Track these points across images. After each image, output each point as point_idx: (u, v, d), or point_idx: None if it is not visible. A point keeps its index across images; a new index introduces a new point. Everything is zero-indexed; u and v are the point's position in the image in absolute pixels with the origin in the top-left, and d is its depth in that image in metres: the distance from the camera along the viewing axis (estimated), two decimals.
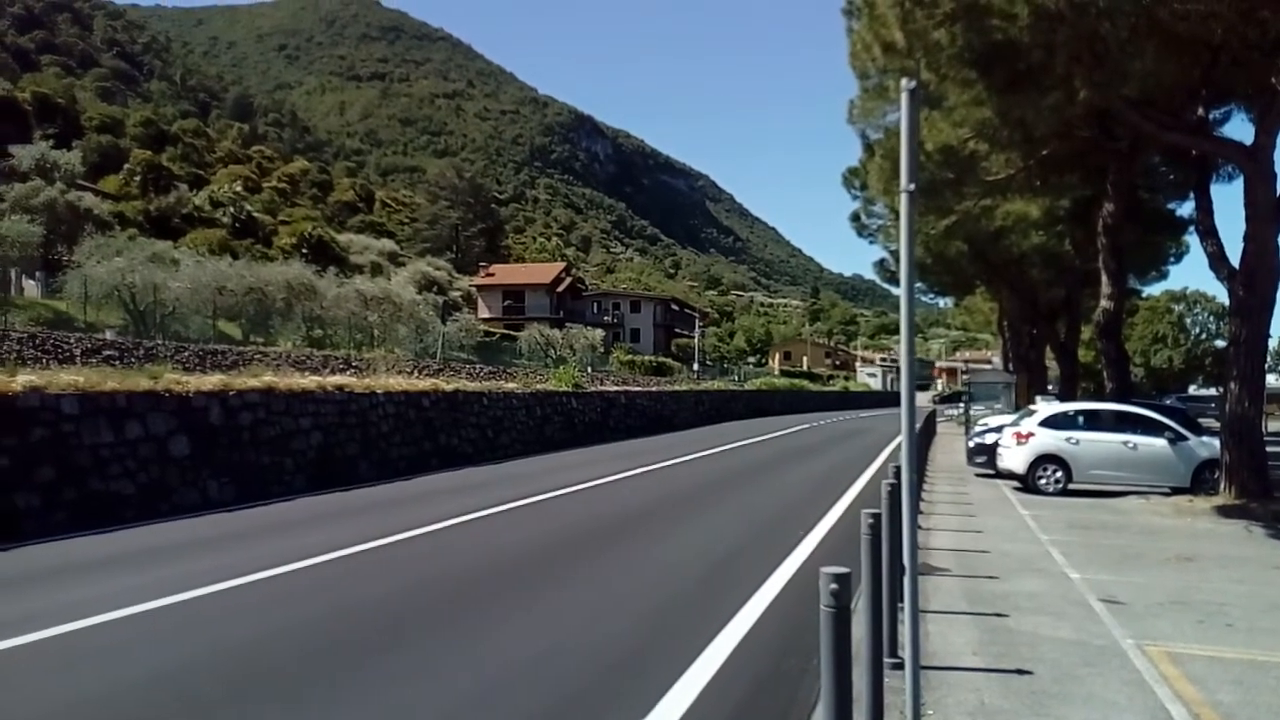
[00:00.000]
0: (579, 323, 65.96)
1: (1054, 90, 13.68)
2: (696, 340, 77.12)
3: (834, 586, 2.93)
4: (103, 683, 5.47)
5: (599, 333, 59.55)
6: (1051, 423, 16.85)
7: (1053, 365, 40.47)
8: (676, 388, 45.90)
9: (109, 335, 23.78)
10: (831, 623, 2.90)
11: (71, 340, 21.15)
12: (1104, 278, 20.54)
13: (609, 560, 9.45)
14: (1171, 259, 31.43)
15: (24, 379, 11.28)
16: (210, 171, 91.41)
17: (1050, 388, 36.61)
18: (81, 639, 6.34)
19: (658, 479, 17.72)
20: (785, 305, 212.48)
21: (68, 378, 11.98)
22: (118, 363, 19.87)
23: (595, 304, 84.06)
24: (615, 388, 36.46)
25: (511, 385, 26.87)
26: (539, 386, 28.06)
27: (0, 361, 16.19)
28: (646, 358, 65.37)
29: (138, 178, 68.14)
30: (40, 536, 10.28)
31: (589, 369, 46.01)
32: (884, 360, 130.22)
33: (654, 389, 40.94)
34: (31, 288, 33.98)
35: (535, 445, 24.27)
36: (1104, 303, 20.63)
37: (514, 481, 16.50)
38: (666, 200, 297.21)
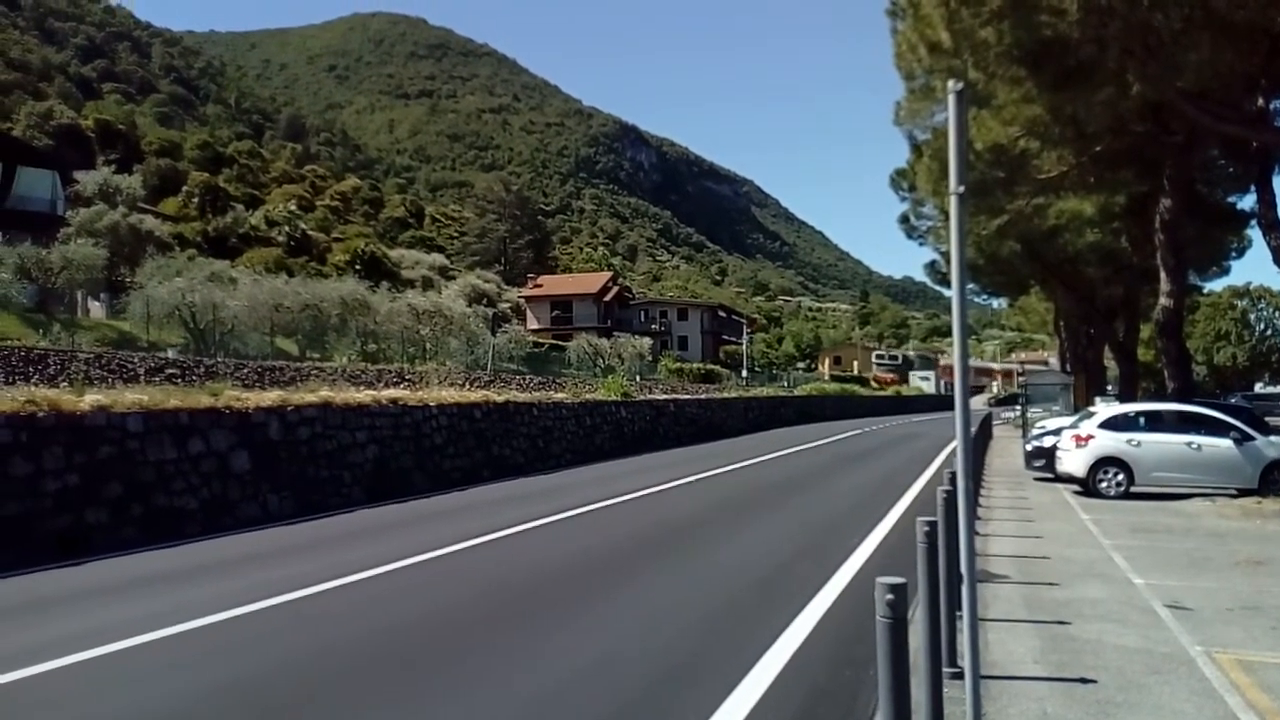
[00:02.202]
0: (626, 331, 66.17)
1: (1106, 85, 13.46)
2: (745, 346, 76.87)
3: (890, 597, 2.91)
4: (174, 694, 5.62)
5: (647, 341, 59.65)
6: (1112, 424, 16.48)
7: (1111, 365, 39.63)
8: (725, 395, 45.75)
9: (171, 354, 24.45)
10: (888, 634, 2.88)
11: (135, 360, 21.78)
12: (1163, 274, 20.04)
13: (661, 569, 9.46)
14: (1233, 254, 30.67)
15: (91, 398, 11.65)
16: (265, 191, 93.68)
17: (1109, 388, 35.83)
18: (156, 650, 6.52)
19: (708, 487, 17.69)
20: (834, 309, 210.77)
21: (132, 396, 12.34)
22: (180, 381, 20.42)
23: (642, 312, 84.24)
24: (664, 396, 36.47)
25: (561, 395, 27.03)
26: (588, 396, 28.18)
27: (69, 381, 16.72)
28: (694, 365, 65.27)
29: (196, 199, 70.13)
30: (109, 551, 10.59)
31: (637, 378, 46.09)
32: (883, 359, 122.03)
33: (703, 396, 40.87)
34: (97, 309, 35.11)
35: (585, 455, 24.36)
36: (1163, 300, 20.12)
37: (565, 491, 16.59)
38: (712, 207, 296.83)
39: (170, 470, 12.04)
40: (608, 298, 78.11)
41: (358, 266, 58.62)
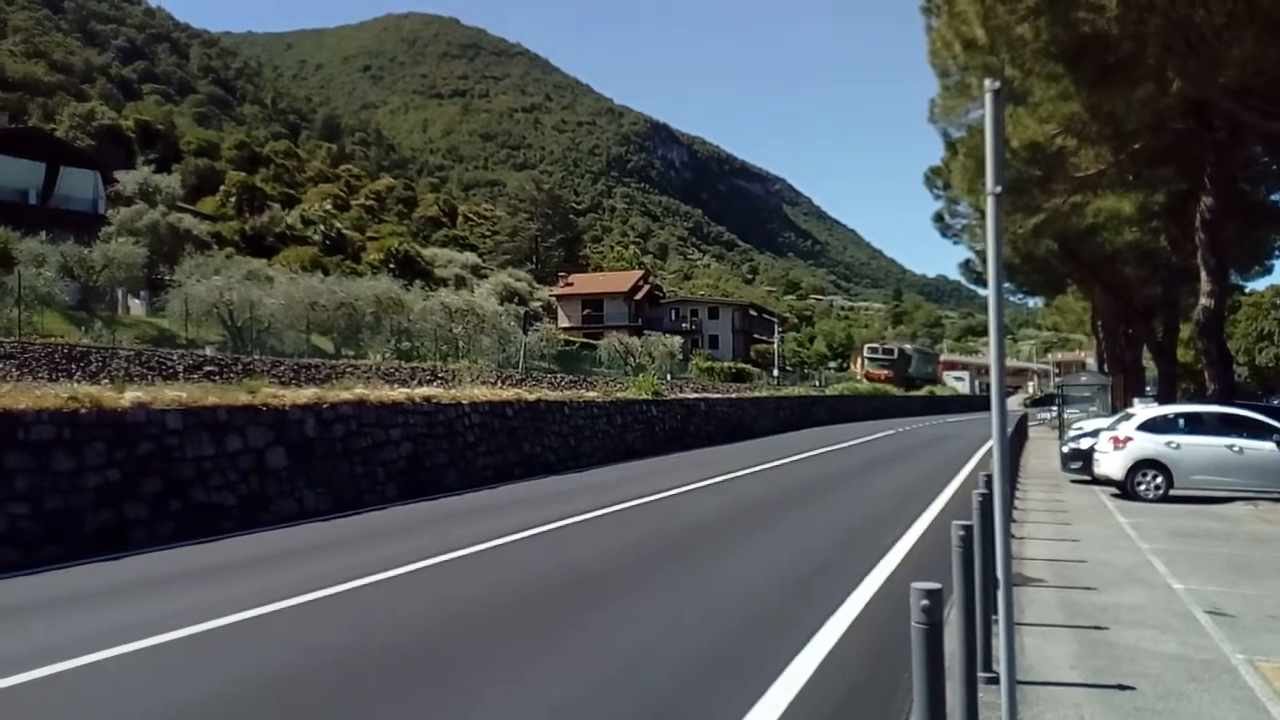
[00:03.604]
0: (657, 330, 66.13)
1: (1146, 82, 13.25)
2: (776, 345, 76.56)
3: (925, 603, 2.89)
4: (208, 691, 5.72)
5: (677, 340, 59.60)
6: (1150, 426, 16.23)
7: (1150, 366, 38.97)
8: (756, 394, 45.60)
9: (209, 351, 24.83)
10: (923, 640, 2.87)
11: (174, 357, 22.15)
12: (1203, 274, 19.68)
13: (694, 569, 9.45)
14: (1276, 253, 30.01)
15: (131, 395, 11.86)
16: (301, 191, 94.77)
17: (1148, 389, 35.26)
18: (191, 646, 6.63)
19: (739, 487, 17.65)
20: (867, 308, 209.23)
21: (172, 394, 12.55)
22: (217, 378, 20.73)
23: (673, 311, 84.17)
24: (695, 395, 36.44)
25: (592, 394, 27.10)
26: (619, 395, 28.23)
27: (110, 378, 17.05)
28: (725, 364, 65.15)
29: (233, 199, 71.13)
30: (148, 546, 10.79)
31: (668, 376, 46.10)
32: (876, 354, 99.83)
33: (733, 395, 40.77)
34: (137, 306, 35.73)
35: (616, 453, 24.41)
36: (1204, 300, 19.76)
37: (597, 490, 16.64)
38: (743, 205, 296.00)
39: (208, 466, 12.24)
40: (638, 296, 78.15)
41: (392, 265, 59.12)
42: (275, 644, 6.71)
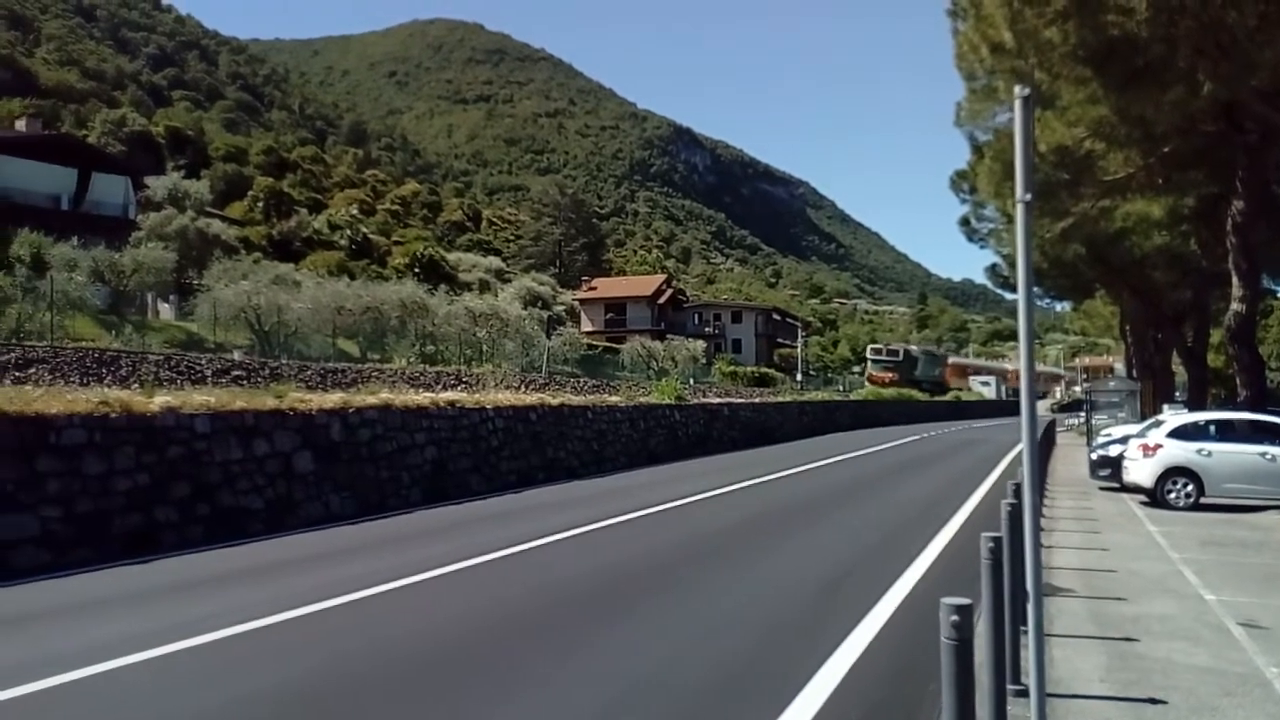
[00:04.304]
0: (680, 334, 66.10)
1: (1176, 85, 13.08)
2: (799, 350, 76.21)
3: (955, 618, 2.86)
4: (234, 696, 5.76)
5: (700, 344, 59.53)
6: (1181, 433, 16.01)
7: (1180, 371, 38.47)
8: (780, 399, 45.44)
9: (237, 355, 25.07)
10: (953, 655, 2.84)
11: (203, 361, 22.38)
12: (1234, 279, 19.38)
13: (718, 576, 9.43)
14: None
15: (161, 400, 12.01)
16: (328, 196, 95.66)
17: (1178, 395, 34.76)
18: (220, 650, 6.69)
19: (763, 493, 17.59)
20: (891, 312, 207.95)
21: (200, 398, 12.70)
22: (245, 382, 20.93)
23: (696, 315, 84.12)
24: (718, 400, 36.35)
25: (615, 399, 27.11)
26: (642, 399, 28.23)
27: (140, 383, 17.25)
28: (748, 369, 64.97)
29: (261, 204, 71.92)
30: (176, 549, 10.90)
31: (691, 381, 46.01)
32: (880, 355, 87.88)
33: (757, 400, 40.65)
34: (166, 310, 36.20)
35: (639, 458, 24.40)
36: (1235, 305, 19.46)
37: (620, 495, 16.64)
38: (766, 209, 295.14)
39: (236, 470, 12.35)
40: (661, 300, 78.16)
41: (417, 269, 59.53)
42: (304, 648, 6.76)
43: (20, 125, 51.18)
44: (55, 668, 6.09)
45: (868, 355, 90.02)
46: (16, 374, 17.31)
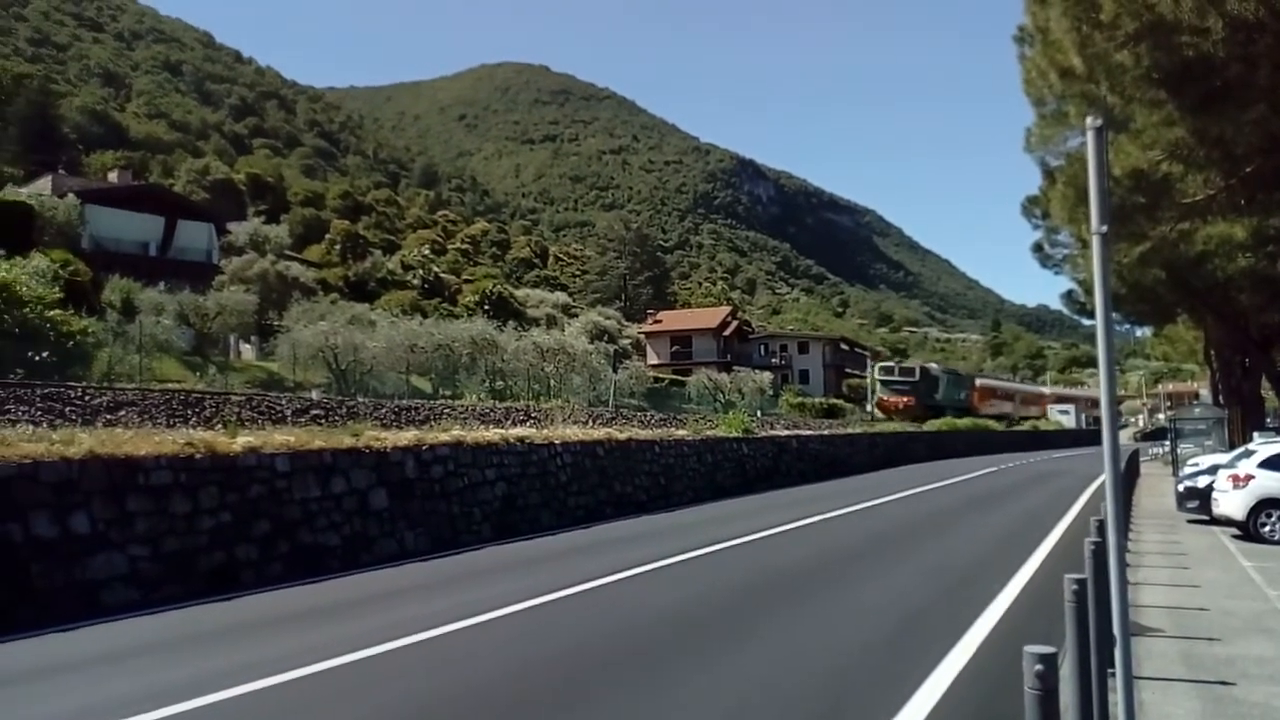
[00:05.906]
0: (746, 366, 65.76)
1: (1257, 103, 12.66)
2: (869, 380, 74.96)
3: (1039, 668, 2.78)
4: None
5: (767, 375, 59.11)
6: (1274, 464, 15.33)
7: (1270, 397, 36.89)
8: (849, 430, 44.81)
9: (315, 395, 25.77)
10: (1038, 706, 2.75)
11: (283, 401, 23.06)
12: None
13: (789, 615, 9.30)
14: None
15: (243, 440, 12.40)
16: (401, 237, 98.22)
17: (1269, 422, 33.31)
18: (303, 687, 6.84)
19: (833, 528, 17.32)
20: (964, 340, 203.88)
21: (280, 438, 13.07)
22: (323, 421, 21.48)
23: (762, 346, 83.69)
24: (786, 432, 36.01)
25: (682, 432, 27.06)
26: (709, 433, 28.11)
27: (223, 424, 17.84)
28: (817, 400, 64.28)
29: (338, 246, 74.10)
30: (257, 586, 11.19)
31: (758, 413, 45.68)
32: (891, 376, 73.95)
33: (826, 432, 40.14)
34: (248, 351, 37.45)
35: (707, 492, 24.26)
36: None
37: (687, 530, 16.55)
38: (831, 238, 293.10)
39: (314, 508, 12.66)
40: (727, 332, 77.98)
41: (486, 306, 60.54)
42: (380, 686, 6.86)
43: (112, 176, 53.92)
44: (166, 699, 6.36)
45: (876, 375, 74.48)
46: (108, 416, 18.07)
